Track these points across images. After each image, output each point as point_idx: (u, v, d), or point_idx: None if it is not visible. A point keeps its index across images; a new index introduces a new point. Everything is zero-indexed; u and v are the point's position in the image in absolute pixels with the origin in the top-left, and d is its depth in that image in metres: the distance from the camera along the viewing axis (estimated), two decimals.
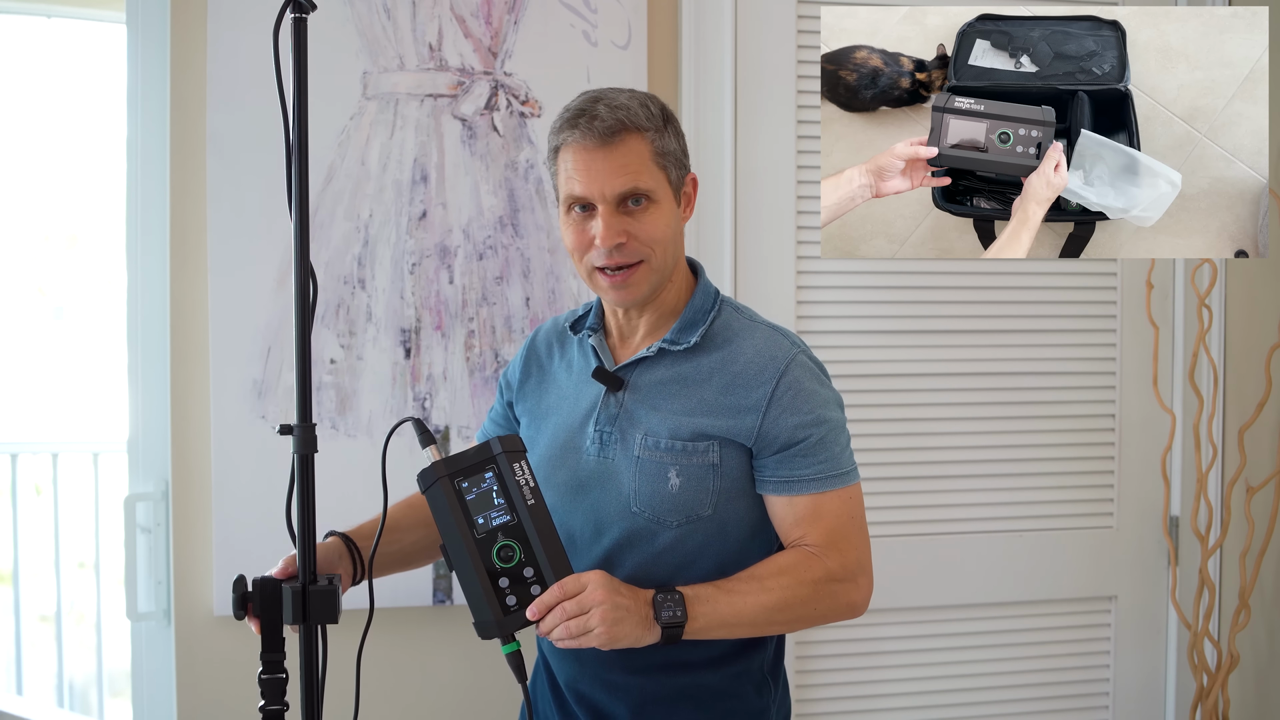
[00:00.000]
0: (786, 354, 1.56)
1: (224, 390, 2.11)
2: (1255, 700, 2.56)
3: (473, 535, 1.44)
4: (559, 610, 1.40)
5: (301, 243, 1.43)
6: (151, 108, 2.15)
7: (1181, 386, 2.47)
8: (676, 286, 1.61)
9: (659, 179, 1.53)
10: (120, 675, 3.47)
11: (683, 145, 1.58)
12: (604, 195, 1.51)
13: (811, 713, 2.37)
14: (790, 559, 1.53)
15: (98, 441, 3.46)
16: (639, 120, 1.51)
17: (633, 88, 1.59)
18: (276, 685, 1.45)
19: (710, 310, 1.61)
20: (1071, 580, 2.47)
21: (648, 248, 1.53)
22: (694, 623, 1.45)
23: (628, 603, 1.42)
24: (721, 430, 1.54)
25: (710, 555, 1.58)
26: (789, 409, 1.53)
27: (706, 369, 1.57)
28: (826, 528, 1.54)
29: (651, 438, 1.56)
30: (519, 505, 1.44)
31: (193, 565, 2.14)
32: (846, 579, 1.53)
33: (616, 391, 1.60)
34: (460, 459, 1.46)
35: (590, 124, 1.51)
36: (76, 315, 3.86)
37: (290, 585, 1.43)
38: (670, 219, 1.55)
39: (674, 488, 1.55)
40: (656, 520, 1.57)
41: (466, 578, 1.43)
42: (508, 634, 1.42)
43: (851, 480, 1.58)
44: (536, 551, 1.44)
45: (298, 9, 1.41)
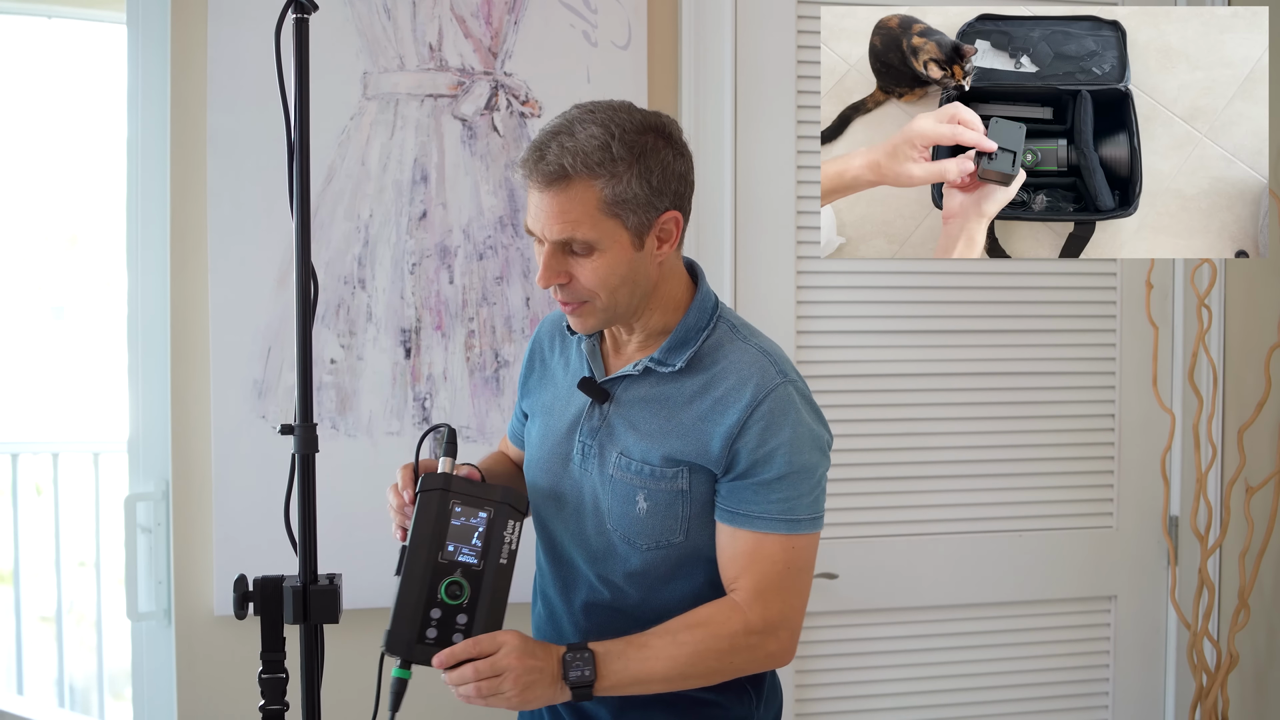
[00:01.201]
0: (770, 382, 1.50)
1: (224, 390, 2.11)
2: (1255, 700, 2.56)
3: (435, 557, 1.44)
4: (471, 668, 1.41)
5: (303, 242, 1.44)
6: (151, 108, 2.15)
7: (1181, 386, 2.47)
8: (663, 308, 1.55)
9: (606, 228, 1.44)
10: (120, 675, 3.47)
11: (655, 184, 1.45)
12: (545, 236, 1.46)
13: (810, 712, 2.37)
14: (708, 612, 1.50)
15: (98, 441, 3.46)
16: (590, 165, 1.42)
17: (629, 108, 1.48)
18: (277, 685, 1.45)
19: (705, 328, 1.55)
20: (1071, 580, 2.47)
21: (590, 291, 1.47)
22: (604, 680, 1.45)
23: (540, 664, 1.42)
24: (692, 455, 1.50)
25: (684, 579, 1.57)
26: (756, 438, 1.48)
27: (689, 392, 1.52)
28: (759, 574, 1.49)
29: (624, 458, 1.54)
30: (492, 558, 1.44)
31: (193, 565, 2.14)
32: (765, 631, 1.49)
33: (602, 404, 1.57)
34: (469, 485, 1.46)
35: (536, 165, 1.44)
36: (76, 315, 3.86)
37: (290, 585, 1.44)
38: (620, 265, 1.46)
39: (642, 512, 1.53)
40: (628, 541, 1.56)
41: (406, 590, 1.43)
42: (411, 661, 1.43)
43: (804, 529, 1.50)
44: (480, 605, 1.44)
45: (299, 9, 1.42)
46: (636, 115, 1.47)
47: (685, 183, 1.51)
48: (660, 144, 1.47)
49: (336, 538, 1.75)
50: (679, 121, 1.59)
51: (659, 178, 1.46)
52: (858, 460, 2.36)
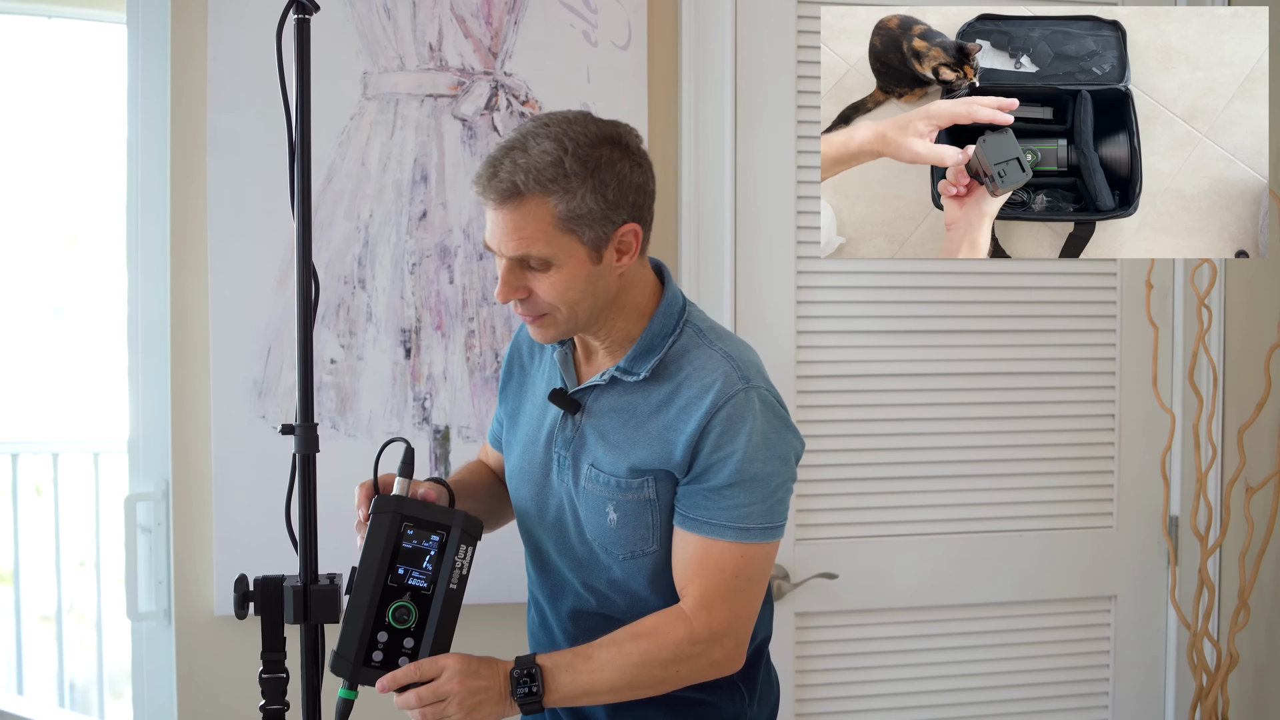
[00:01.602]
0: (731, 388, 1.48)
1: (224, 390, 2.11)
2: (1255, 700, 2.56)
3: (384, 580, 1.44)
4: (414, 695, 1.42)
5: (304, 243, 1.44)
6: (151, 108, 2.15)
7: (1181, 386, 2.47)
8: (627, 317, 1.54)
9: (562, 244, 1.43)
10: (120, 675, 3.47)
11: (611, 198, 1.44)
12: (501, 252, 1.46)
13: (811, 713, 2.37)
14: (654, 622, 1.50)
15: (98, 441, 3.46)
16: (543, 181, 1.41)
17: (585, 120, 1.46)
18: (277, 685, 1.46)
19: (670, 334, 1.53)
20: (1071, 580, 2.47)
21: (550, 305, 1.47)
22: (552, 694, 1.46)
23: (484, 684, 1.43)
24: (657, 463, 1.50)
25: (665, 587, 1.56)
26: (712, 444, 1.47)
27: (655, 401, 1.52)
28: (707, 581, 1.48)
29: (594, 470, 1.53)
30: (441, 582, 1.45)
31: (193, 565, 2.14)
32: (710, 640, 1.49)
33: (574, 415, 1.56)
34: (421, 508, 1.46)
35: (489, 182, 1.43)
36: (76, 315, 3.86)
37: (291, 585, 1.44)
38: (578, 280, 1.45)
39: (613, 523, 1.53)
40: (606, 550, 1.56)
41: (353, 612, 1.44)
42: (356, 682, 1.44)
43: (756, 538, 1.48)
44: (427, 630, 1.45)
45: (301, 10, 1.42)
46: (592, 127, 1.45)
47: (644, 193, 1.48)
48: (616, 156, 1.45)
49: (337, 537, 1.75)
50: (679, 122, 1.58)
51: (615, 191, 1.44)
52: (858, 460, 2.36)
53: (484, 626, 2.07)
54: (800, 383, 2.31)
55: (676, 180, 2.28)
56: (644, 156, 1.50)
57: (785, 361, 2.28)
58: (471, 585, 2.16)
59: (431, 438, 2.18)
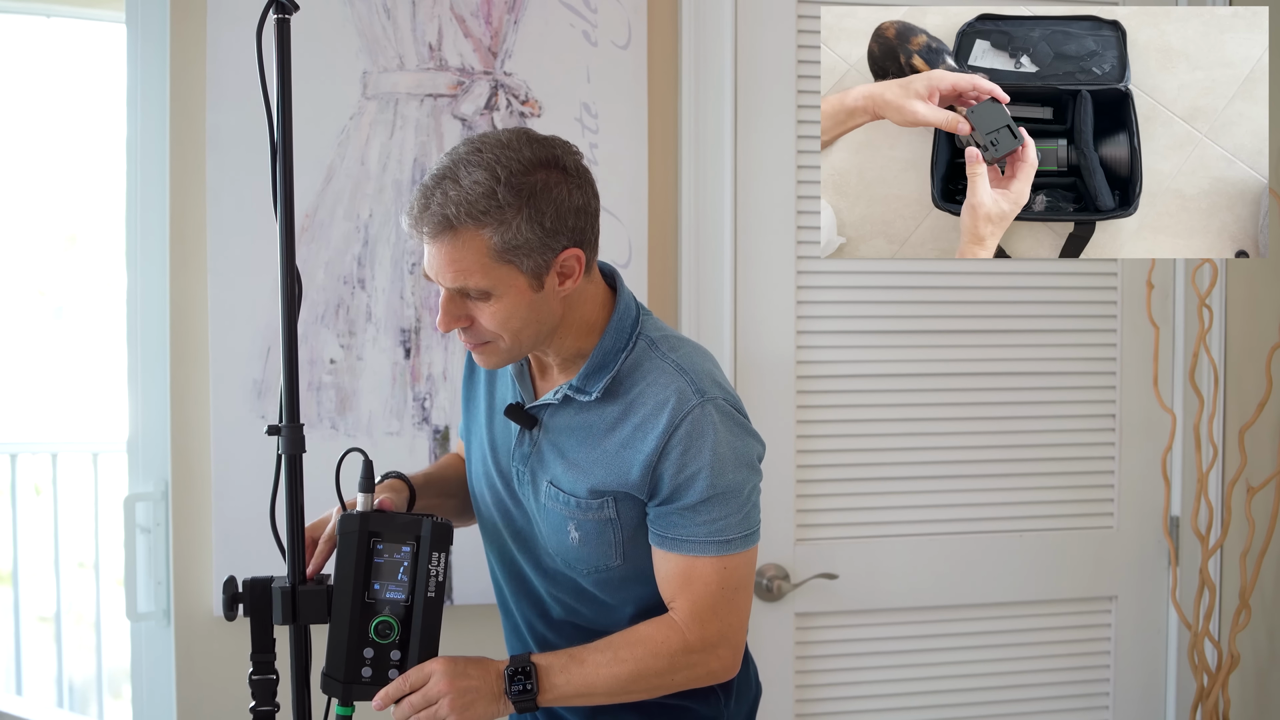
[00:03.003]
0: (686, 404, 1.45)
1: (224, 390, 2.11)
2: (1255, 700, 2.56)
3: (361, 598, 1.44)
4: (407, 704, 1.42)
5: (287, 243, 1.44)
6: (151, 107, 2.15)
7: (1182, 386, 2.47)
8: (575, 334, 1.50)
9: (500, 274, 1.39)
10: (119, 675, 3.47)
11: (549, 225, 1.38)
12: (440, 283, 1.43)
13: (811, 713, 2.37)
14: (649, 630, 1.50)
15: (98, 441, 3.46)
16: (475, 214, 1.36)
17: (520, 142, 1.40)
18: (267, 686, 1.45)
19: (622, 349, 1.50)
20: (1071, 580, 2.46)
21: (492, 333, 1.45)
22: (546, 694, 1.46)
23: (475, 684, 1.43)
24: (615, 484, 1.49)
25: (633, 599, 1.57)
26: (675, 463, 1.45)
27: (609, 419, 1.49)
28: (694, 596, 1.48)
29: (554, 488, 1.52)
30: (419, 592, 1.44)
31: (193, 565, 2.14)
32: (705, 650, 1.49)
33: (530, 429, 1.54)
34: (387, 521, 1.45)
35: (421, 215, 1.39)
36: (76, 315, 3.86)
37: (280, 585, 1.43)
38: (520, 308, 1.42)
39: (574, 541, 1.53)
40: (569, 566, 1.56)
41: (336, 634, 1.44)
42: (349, 700, 1.45)
43: (735, 548, 1.48)
44: (412, 641, 1.44)
45: (280, 10, 1.42)
46: (525, 151, 1.40)
47: (584, 215, 1.43)
48: (554, 180, 1.40)
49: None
50: (679, 122, 1.57)
51: (552, 218, 1.39)
52: (858, 460, 2.36)
53: (472, 628, 2.07)
54: (800, 383, 2.31)
55: (676, 180, 2.28)
56: (585, 175, 1.44)
57: (785, 361, 2.28)
58: (460, 587, 2.17)
59: (431, 438, 2.18)
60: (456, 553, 2.16)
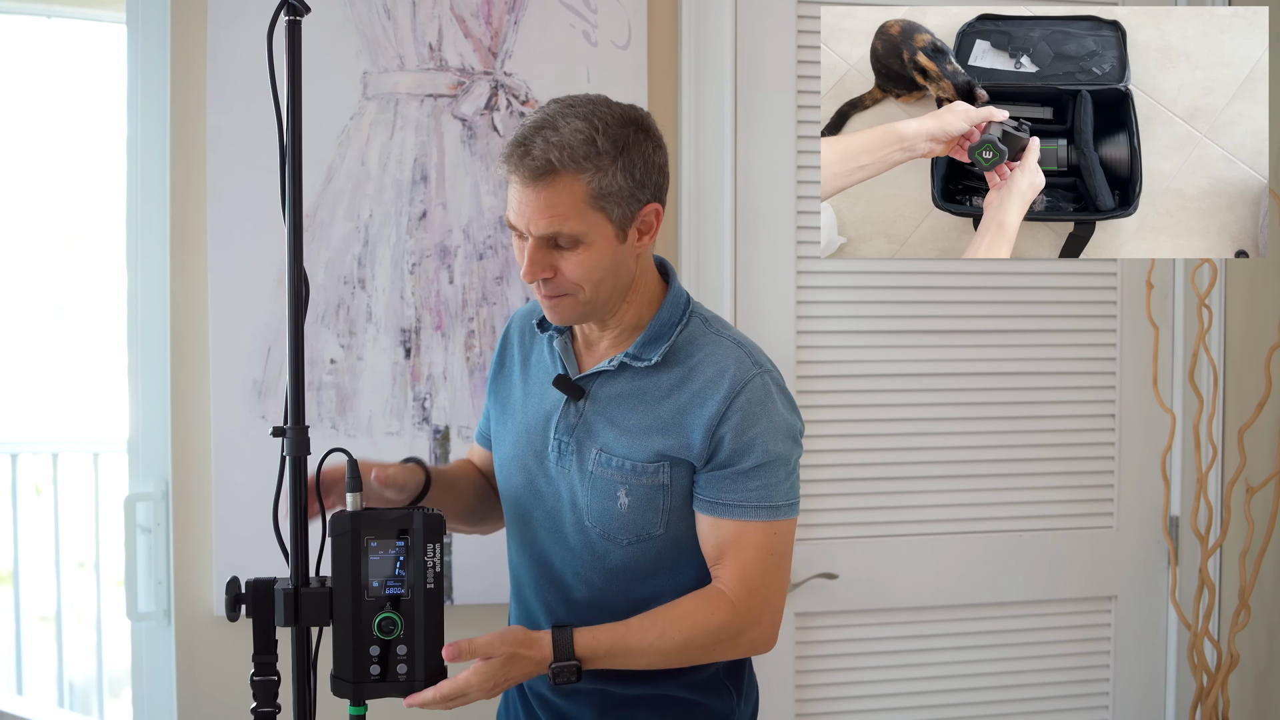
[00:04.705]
0: (746, 373, 1.52)
1: (224, 390, 2.11)
2: (1255, 700, 2.56)
3: (361, 596, 1.44)
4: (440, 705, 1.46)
5: (295, 245, 1.43)
6: (151, 108, 2.15)
7: (1181, 386, 2.47)
8: (638, 303, 1.57)
9: (593, 221, 1.46)
10: (120, 675, 3.47)
11: (639, 177, 1.47)
12: (530, 231, 1.47)
13: (812, 713, 2.37)
14: (694, 604, 1.52)
15: (98, 441, 3.46)
16: (577, 158, 1.43)
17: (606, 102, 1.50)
18: (268, 687, 1.45)
19: (677, 324, 1.57)
20: (1071, 580, 2.46)
21: (574, 284, 1.49)
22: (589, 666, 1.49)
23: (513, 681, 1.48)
24: (673, 449, 1.52)
25: (665, 572, 1.59)
26: (734, 429, 1.50)
27: (666, 385, 1.54)
28: (743, 562, 1.52)
29: (605, 454, 1.55)
30: (417, 585, 1.44)
31: (193, 565, 2.14)
32: (750, 620, 1.53)
33: (577, 401, 1.58)
34: (378, 517, 1.45)
35: (522, 160, 1.45)
36: (76, 315, 3.86)
37: (282, 587, 1.43)
38: (605, 258, 1.48)
39: (623, 507, 1.55)
40: (607, 536, 1.57)
41: (340, 635, 1.44)
42: (360, 699, 1.45)
43: (783, 515, 1.54)
44: (416, 634, 1.44)
45: (292, 11, 1.41)
46: (615, 109, 1.49)
47: (664, 174, 1.53)
48: (640, 137, 1.49)
49: None
50: (679, 122, 1.59)
51: (641, 170, 1.48)
52: (858, 460, 2.36)
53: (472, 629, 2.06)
54: (800, 383, 2.31)
55: (676, 180, 2.28)
56: (662, 139, 1.53)
57: (785, 361, 2.28)
58: (460, 587, 2.17)
59: (431, 438, 2.18)
60: (456, 553, 2.17)
